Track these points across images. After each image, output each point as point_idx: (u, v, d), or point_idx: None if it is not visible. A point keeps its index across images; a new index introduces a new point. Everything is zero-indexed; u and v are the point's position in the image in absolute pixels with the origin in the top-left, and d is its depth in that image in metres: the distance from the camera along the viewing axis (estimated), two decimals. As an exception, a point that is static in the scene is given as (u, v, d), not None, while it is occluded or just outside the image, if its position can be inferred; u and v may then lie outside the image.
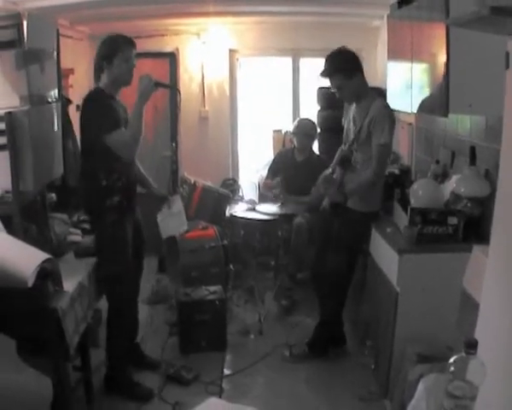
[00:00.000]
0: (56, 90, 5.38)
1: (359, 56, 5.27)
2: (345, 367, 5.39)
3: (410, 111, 5.39)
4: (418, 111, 5.34)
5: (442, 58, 4.26)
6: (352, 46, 5.23)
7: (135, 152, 4.69)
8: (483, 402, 2.10)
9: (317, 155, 7.40)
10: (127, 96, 4.88)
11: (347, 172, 5.19)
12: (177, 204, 5.41)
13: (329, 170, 5.36)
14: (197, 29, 8.64)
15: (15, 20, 4.49)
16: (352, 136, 5.26)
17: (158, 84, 4.70)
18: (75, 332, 3.98)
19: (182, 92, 5.37)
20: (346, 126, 5.47)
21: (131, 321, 5.12)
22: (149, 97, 4.62)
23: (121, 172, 4.69)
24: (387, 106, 5.10)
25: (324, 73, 5.16)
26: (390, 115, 5.03)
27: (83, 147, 4.78)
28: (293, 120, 8.29)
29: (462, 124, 5.11)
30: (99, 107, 4.54)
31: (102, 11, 7.18)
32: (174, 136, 8.89)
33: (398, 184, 5.55)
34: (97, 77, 4.69)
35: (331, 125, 7.61)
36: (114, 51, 4.57)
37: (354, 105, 5.28)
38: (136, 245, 4.96)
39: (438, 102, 4.44)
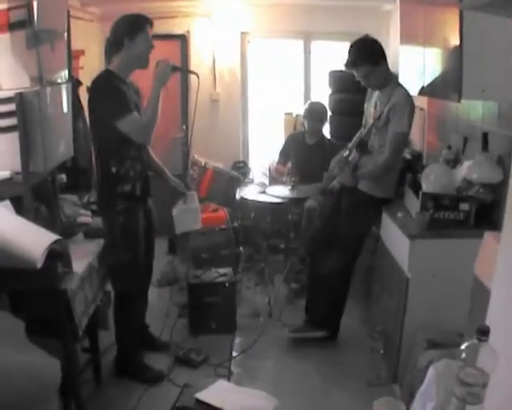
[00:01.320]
0: (67, 72, 5.37)
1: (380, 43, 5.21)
2: (354, 352, 5.40)
3: (420, 95, 5.37)
4: (430, 96, 5.33)
5: (455, 43, 4.24)
6: (364, 30, 5.22)
7: (150, 137, 4.61)
8: (494, 390, 2.09)
9: (328, 139, 7.39)
10: (142, 81, 4.87)
11: (363, 156, 5.17)
12: (194, 201, 5.35)
13: (346, 152, 5.32)
14: (208, 11, 8.61)
15: (25, 0, 4.47)
16: (371, 120, 5.25)
17: (175, 69, 4.67)
18: (84, 314, 4.00)
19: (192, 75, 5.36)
20: (366, 110, 5.46)
21: (139, 307, 5.12)
22: (167, 81, 4.55)
23: (134, 160, 4.65)
24: (409, 95, 5.06)
25: (349, 64, 5.11)
26: (411, 105, 5.00)
27: (94, 133, 4.73)
28: (305, 103, 8.26)
29: (474, 110, 5.08)
30: (109, 91, 4.44)
31: (113, -8, 7.18)
32: (185, 118, 8.89)
33: (409, 168, 5.54)
34: (109, 58, 4.62)
35: (342, 108, 7.61)
36: (137, 29, 4.48)
37: (377, 91, 5.25)
38: (146, 234, 4.94)
39: (451, 88, 4.42)
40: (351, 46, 5.12)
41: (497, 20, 3.07)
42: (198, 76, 5.03)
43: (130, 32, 4.46)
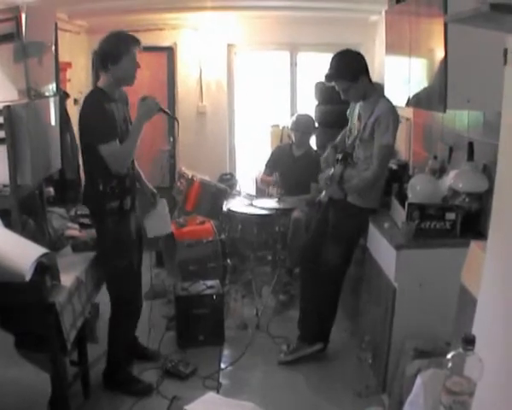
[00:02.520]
0: (54, 84, 5.38)
1: (363, 55, 5.22)
2: (342, 362, 5.40)
3: (407, 106, 5.39)
4: (416, 106, 5.35)
5: (440, 53, 4.27)
6: (349, 41, 5.26)
7: (125, 167, 4.59)
8: (481, 398, 2.10)
9: (315, 150, 7.41)
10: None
11: (348, 168, 5.17)
12: (163, 206, 5.38)
13: (332, 170, 5.32)
14: (195, 23, 8.64)
15: (14, 13, 4.48)
16: (355, 132, 5.25)
17: (161, 110, 4.72)
18: (73, 327, 3.99)
19: (179, 87, 5.35)
20: (350, 120, 5.45)
21: (135, 319, 5.14)
22: (151, 119, 4.58)
23: (123, 178, 4.63)
24: (393, 107, 5.06)
25: (329, 78, 5.13)
26: (395, 116, 5.00)
27: (82, 149, 4.69)
28: (291, 114, 8.30)
29: (459, 119, 5.11)
30: (98, 113, 4.42)
31: (100, 5, 7.19)
32: (172, 130, 8.90)
33: (395, 179, 5.55)
34: (97, 75, 4.63)
35: (329, 120, 7.63)
36: (122, 50, 4.45)
37: (361, 101, 5.26)
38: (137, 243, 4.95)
39: (436, 98, 4.45)
40: (332, 59, 5.13)
41: (481, 31, 3.09)
42: (178, 122, 5.11)
43: (114, 57, 4.44)
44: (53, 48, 5.34)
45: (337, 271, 5.27)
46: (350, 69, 5.03)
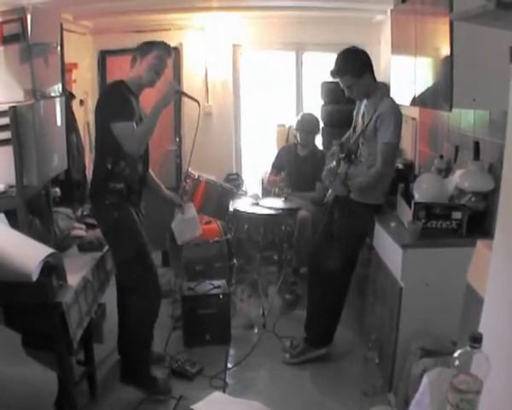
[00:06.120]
0: (60, 85, 5.38)
1: (368, 54, 5.22)
2: (349, 361, 5.40)
3: (412, 105, 5.39)
4: (422, 105, 5.34)
5: (446, 52, 4.26)
6: (355, 41, 5.24)
7: (139, 148, 4.57)
8: (488, 396, 2.10)
9: (320, 150, 7.39)
10: (145, 100, 4.89)
11: (352, 166, 5.17)
12: (191, 210, 5.45)
13: (333, 163, 5.32)
14: (201, 24, 8.63)
15: (19, 14, 4.49)
16: (359, 130, 5.26)
17: (178, 92, 4.83)
18: (79, 326, 4.00)
19: (185, 87, 5.34)
20: (354, 119, 5.46)
21: (152, 310, 4.98)
22: (169, 103, 4.69)
23: (129, 165, 4.63)
24: (395, 105, 5.06)
25: (334, 74, 5.14)
26: (397, 115, 4.99)
27: (96, 129, 4.72)
28: (297, 114, 8.28)
29: (465, 118, 5.10)
30: (115, 95, 4.52)
31: (106, 6, 7.19)
32: (178, 130, 8.90)
33: (401, 178, 5.53)
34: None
35: (335, 119, 7.63)
36: (151, 47, 4.59)
37: (365, 100, 5.26)
38: None
39: (442, 97, 4.44)
40: (338, 55, 5.14)
41: (487, 30, 3.09)
42: (199, 103, 5.09)
43: (143, 50, 4.61)
44: (58, 49, 5.34)
45: (342, 273, 5.26)
46: (354, 65, 5.03)
